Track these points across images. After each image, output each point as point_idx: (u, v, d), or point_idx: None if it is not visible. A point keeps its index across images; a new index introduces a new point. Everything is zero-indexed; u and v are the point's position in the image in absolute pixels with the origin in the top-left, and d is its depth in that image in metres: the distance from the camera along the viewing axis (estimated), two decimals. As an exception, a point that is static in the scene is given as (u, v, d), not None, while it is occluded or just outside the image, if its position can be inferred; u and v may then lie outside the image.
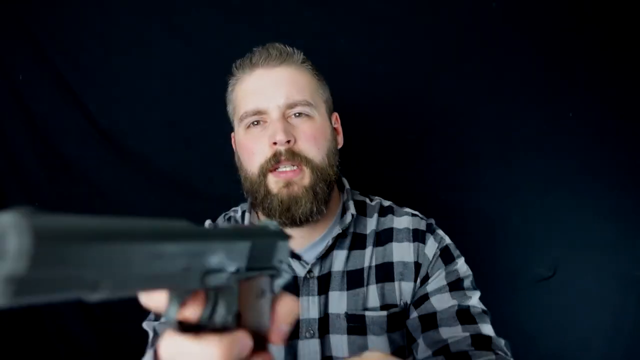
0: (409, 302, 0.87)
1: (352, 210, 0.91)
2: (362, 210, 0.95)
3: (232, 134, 0.97)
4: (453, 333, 0.79)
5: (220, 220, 0.99)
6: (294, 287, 0.87)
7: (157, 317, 0.83)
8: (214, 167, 1.36)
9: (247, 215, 0.92)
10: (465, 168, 1.40)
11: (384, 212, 0.96)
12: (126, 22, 1.35)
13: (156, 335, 0.81)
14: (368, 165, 1.42)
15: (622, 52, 1.38)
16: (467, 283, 0.89)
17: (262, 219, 0.90)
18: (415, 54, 1.39)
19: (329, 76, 1.36)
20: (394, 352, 0.85)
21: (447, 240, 0.93)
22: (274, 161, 0.81)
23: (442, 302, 0.83)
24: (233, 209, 1.01)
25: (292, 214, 0.81)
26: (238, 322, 0.36)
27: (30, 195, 1.37)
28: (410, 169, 1.41)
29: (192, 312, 0.33)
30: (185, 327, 0.33)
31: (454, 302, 0.83)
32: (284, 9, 1.36)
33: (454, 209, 1.40)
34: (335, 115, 0.97)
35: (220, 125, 1.17)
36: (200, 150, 1.36)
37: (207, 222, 0.97)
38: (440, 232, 0.94)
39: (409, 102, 1.40)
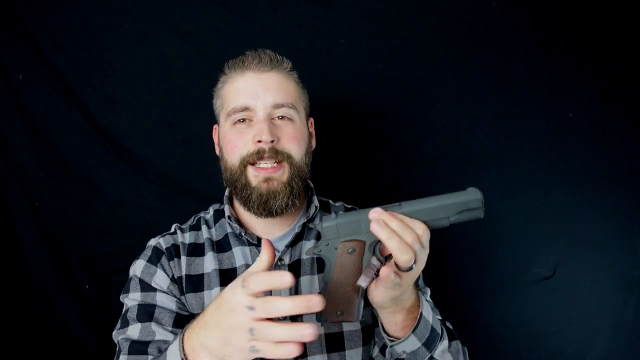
0: None
1: (315, 202, 1.00)
2: (327, 209, 1.06)
3: (215, 126, 1.03)
4: None
5: (190, 221, 1.02)
6: None
7: (122, 326, 0.85)
8: (214, 167, 1.36)
9: (226, 207, 0.98)
10: (465, 168, 1.40)
11: (348, 211, 1.07)
12: (126, 22, 1.35)
13: (119, 347, 0.84)
14: (368, 165, 1.42)
15: (623, 52, 1.38)
16: (421, 281, 0.99)
17: (240, 211, 0.97)
18: (415, 54, 1.39)
19: (329, 76, 1.37)
20: (363, 329, 0.91)
21: None
22: (257, 156, 0.88)
23: None
24: (204, 211, 1.06)
25: (270, 206, 0.89)
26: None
27: (30, 195, 1.37)
28: (410, 169, 1.41)
29: None
30: None
31: None
32: (284, 8, 1.36)
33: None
34: (311, 120, 1.03)
35: (220, 125, 1.17)
36: (200, 150, 1.36)
37: (174, 226, 1.00)
38: None
39: (409, 102, 1.40)
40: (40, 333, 1.37)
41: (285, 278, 0.56)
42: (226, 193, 1.02)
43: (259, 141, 0.87)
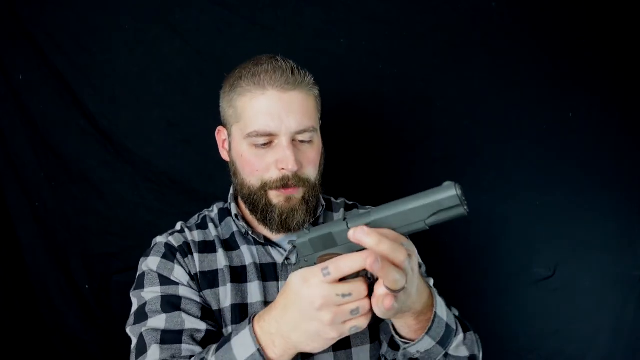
0: None
1: (321, 201, 1.00)
2: (329, 207, 1.07)
3: (220, 128, 1.00)
4: None
5: (194, 220, 1.02)
6: (273, 274, 0.92)
7: (140, 320, 0.82)
8: (214, 167, 1.36)
9: (232, 205, 0.97)
10: (465, 168, 1.41)
11: (349, 208, 1.09)
12: (126, 22, 1.35)
13: (142, 340, 0.80)
14: (368, 165, 1.42)
15: (623, 52, 1.38)
16: (424, 269, 1.02)
17: (246, 212, 0.97)
18: (415, 54, 1.39)
19: (329, 76, 1.36)
20: (370, 326, 0.89)
21: None
22: (281, 184, 0.87)
23: None
24: (206, 209, 1.05)
25: (289, 224, 0.89)
26: None
27: (30, 195, 1.37)
28: (410, 168, 1.41)
29: None
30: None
31: None
32: (284, 8, 1.36)
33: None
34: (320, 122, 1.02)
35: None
36: (200, 150, 1.36)
37: (180, 224, 0.99)
38: None
39: (409, 102, 1.40)
40: (40, 333, 1.37)
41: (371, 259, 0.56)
42: (231, 191, 1.01)
43: (283, 168, 0.86)
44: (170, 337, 0.78)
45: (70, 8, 1.34)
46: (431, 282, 0.96)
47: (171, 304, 0.83)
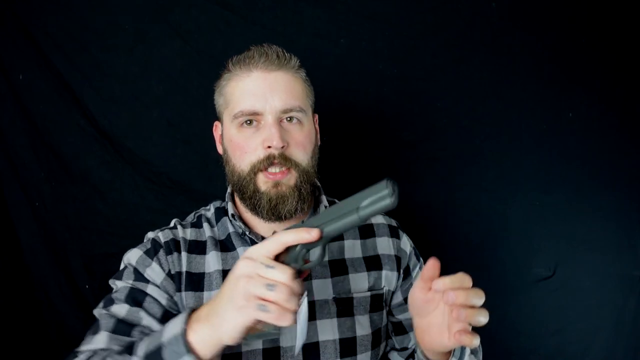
0: (391, 289, 0.98)
1: (324, 202, 0.99)
2: None
3: (216, 123, 1.00)
4: None
5: (190, 218, 1.01)
6: None
7: (106, 305, 0.84)
8: (214, 167, 1.36)
9: (229, 205, 0.96)
10: (465, 168, 1.41)
11: None
12: (126, 22, 1.35)
13: (98, 322, 0.82)
14: (368, 165, 1.42)
15: (623, 52, 1.39)
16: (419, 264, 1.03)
17: (243, 209, 0.96)
18: (415, 54, 1.39)
19: (329, 76, 1.37)
20: (374, 332, 0.92)
21: None
22: (267, 163, 0.86)
23: None
24: (203, 207, 1.04)
25: (279, 211, 0.88)
26: None
27: (30, 195, 1.37)
28: (410, 169, 1.41)
29: None
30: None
31: None
32: (284, 8, 1.36)
33: (455, 209, 1.41)
34: (316, 116, 1.01)
35: (220, 125, 1.17)
36: (200, 150, 1.36)
37: (174, 221, 0.98)
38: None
39: (409, 102, 1.40)
40: (40, 333, 1.37)
41: (313, 233, 0.66)
42: (229, 190, 1.00)
43: (269, 147, 0.86)
44: (122, 328, 0.80)
45: (70, 8, 1.34)
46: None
47: (135, 299, 0.83)
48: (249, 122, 0.88)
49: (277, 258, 0.67)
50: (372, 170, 1.42)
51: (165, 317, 0.83)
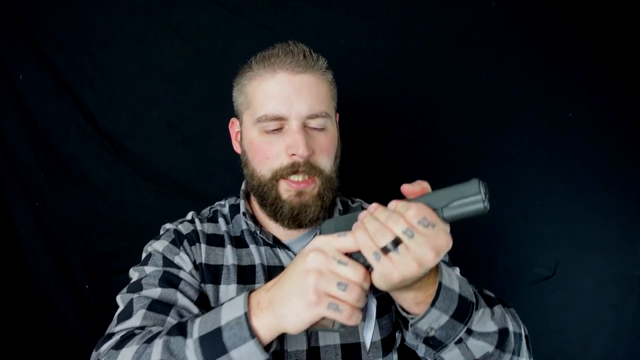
0: None
1: (339, 205, 0.97)
2: (346, 210, 1.02)
3: (233, 119, 0.97)
4: None
5: (206, 213, 0.99)
6: None
7: (135, 290, 0.80)
8: (214, 167, 1.36)
9: (242, 202, 0.94)
10: (465, 168, 1.40)
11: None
12: (126, 22, 1.35)
13: (130, 306, 0.78)
14: (368, 165, 1.42)
15: (623, 52, 1.38)
16: (447, 259, 0.97)
17: (256, 207, 0.94)
18: (415, 54, 1.39)
19: (329, 76, 1.37)
20: (384, 339, 0.88)
21: None
22: (291, 170, 0.83)
23: None
24: (218, 202, 1.02)
25: (300, 220, 0.86)
26: None
27: (30, 195, 1.37)
28: (410, 169, 1.41)
29: None
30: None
31: None
32: (283, 8, 1.36)
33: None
34: (337, 115, 0.99)
35: (220, 125, 1.17)
36: (200, 150, 1.36)
37: (191, 214, 0.97)
38: None
39: (409, 102, 1.40)
40: (40, 333, 1.37)
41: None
42: (243, 187, 0.98)
43: (293, 154, 0.82)
44: (159, 307, 0.75)
45: (70, 8, 1.34)
46: (457, 271, 0.91)
47: (169, 281, 0.80)
48: (272, 128, 0.84)
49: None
50: (372, 170, 1.42)
51: (202, 301, 0.80)
